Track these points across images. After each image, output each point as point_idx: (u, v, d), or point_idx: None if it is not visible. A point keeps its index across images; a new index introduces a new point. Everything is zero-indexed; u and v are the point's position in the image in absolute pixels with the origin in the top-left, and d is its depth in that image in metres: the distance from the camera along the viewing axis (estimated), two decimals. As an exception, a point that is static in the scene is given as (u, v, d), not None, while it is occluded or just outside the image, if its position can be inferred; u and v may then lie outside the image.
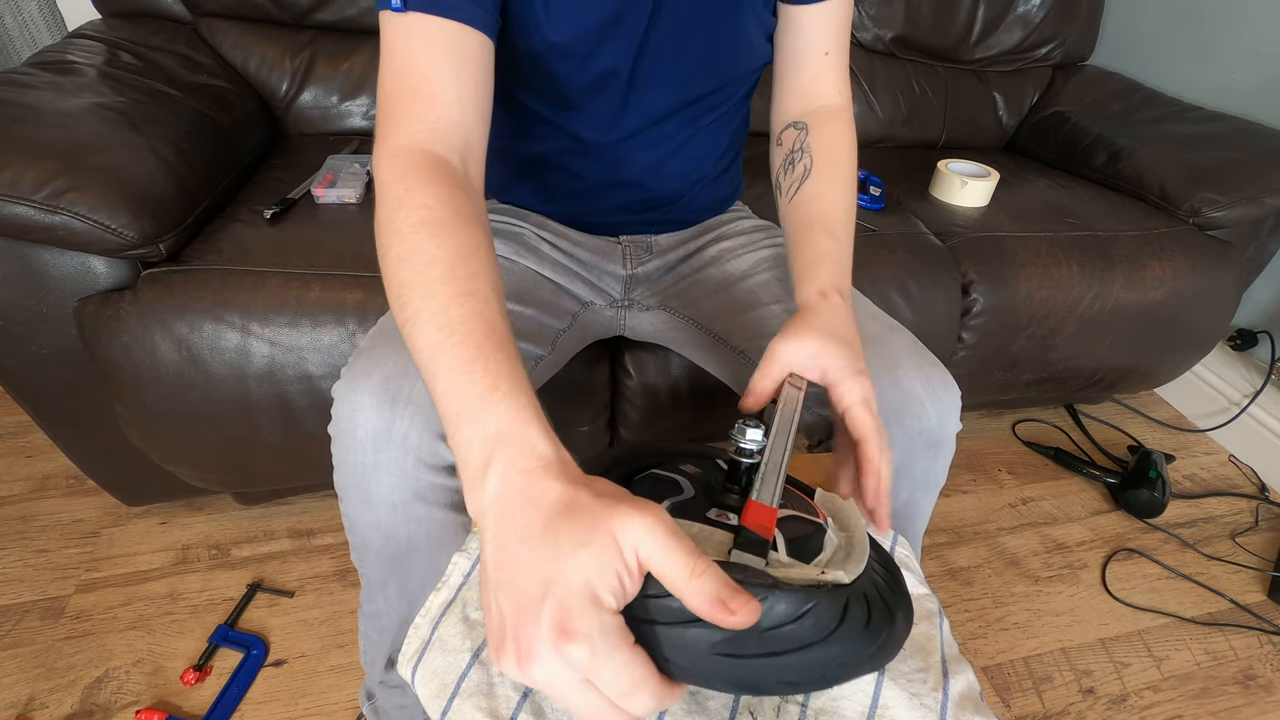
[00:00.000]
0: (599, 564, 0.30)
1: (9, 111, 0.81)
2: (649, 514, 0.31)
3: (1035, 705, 0.97)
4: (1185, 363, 1.37)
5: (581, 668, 0.30)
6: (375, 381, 0.53)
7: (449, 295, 0.41)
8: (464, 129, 0.51)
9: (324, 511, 1.15)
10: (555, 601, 0.30)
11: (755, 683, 0.33)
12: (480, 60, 0.52)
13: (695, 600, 0.30)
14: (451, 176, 0.49)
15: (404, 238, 0.45)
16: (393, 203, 0.47)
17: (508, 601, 0.32)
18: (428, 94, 0.50)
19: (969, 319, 1.10)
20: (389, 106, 0.51)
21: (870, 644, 0.33)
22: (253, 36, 1.22)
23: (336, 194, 1.01)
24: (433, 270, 0.43)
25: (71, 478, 1.17)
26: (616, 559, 0.31)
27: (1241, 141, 1.27)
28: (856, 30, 1.48)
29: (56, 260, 0.80)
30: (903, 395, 0.59)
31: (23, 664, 0.91)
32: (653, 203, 0.77)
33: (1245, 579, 1.18)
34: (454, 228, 0.45)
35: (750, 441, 0.41)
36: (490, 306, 0.42)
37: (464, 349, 0.39)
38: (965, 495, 1.30)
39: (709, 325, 0.75)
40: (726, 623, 0.30)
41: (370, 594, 0.66)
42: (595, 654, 0.30)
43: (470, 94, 0.52)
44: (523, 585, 0.31)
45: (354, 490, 0.56)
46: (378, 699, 0.75)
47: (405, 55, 0.50)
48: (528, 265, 0.74)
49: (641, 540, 0.31)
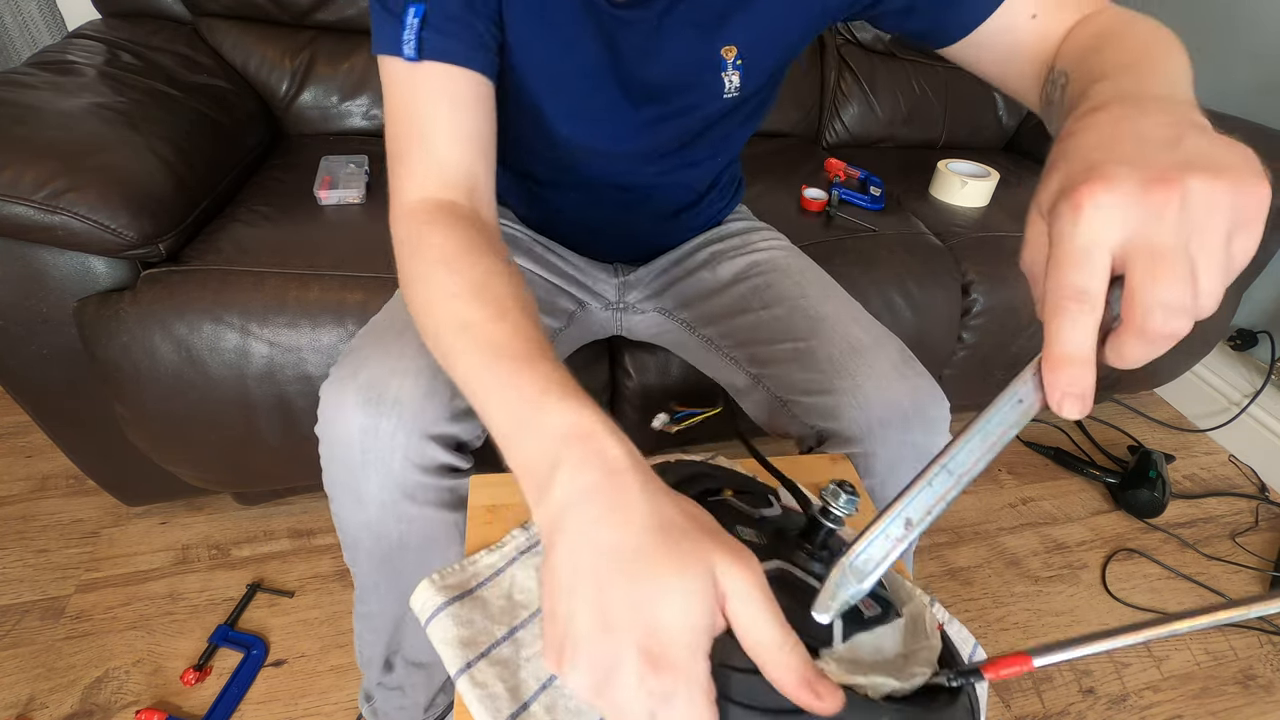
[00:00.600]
0: (699, 602, 0.28)
1: (9, 111, 0.81)
2: (751, 567, 0.29)
3: (1035, 705, 0.97)
4: (1185, 363, 1.37)
5: (659, 702, 0.27)
6: (360, 382, 0.53)
7: (480, 321, 0.41)
8: (467, 170, 0.52)
9: (324, 511, 1.15)
10: (648, 629, 0.27)
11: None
12: (482, 102, 0.53)
13: (780, 674, 0.27)
14: (459, 214, 0.49)
15: (425, 279, 0.45)
16: (409, 253, 0.47)
17: (587, 617, 0.29)
18: (430, 143, 0.51)
19: (969, 319, 1.10)
20: (395, 156, 0.52)
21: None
22: (253, 36, 1.22)
23: (339, 195, 1.01)
24: (459, 305, 0.42)
25: (71, 478, 1.17)
26: (713, 598, 0.28)
27: (1241, 141, 1.27)
28: (856, 30, 1.48)
29: (56, 260, 0.80)
30: (889, 407, 0.59)
31: (23, 664, 0.91)
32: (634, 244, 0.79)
33: (1245, 579, 1.18)
34: (471, 261, 0.45)
35: (840, 509, 0.36)
36: (523, 323, 0.41)
37: (505, 366, 0.38)
38: (965, 495, 1.30)
39: (702, 329, 0.75)
40: (813, 708, 0.27)
41: (363, 595, 0.66)
42: (677, 697, 0.27)
43: (471, 137, 0.52)
44: (610, 604, 0.28)
45: (343, 490, 0.56)
46: (376, 700, 0.75)
47: (408, 103, 0.51)
48: (523, 265, 0.74)
49: (739, 593, 0.28)
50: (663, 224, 0.77)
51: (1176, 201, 0.24)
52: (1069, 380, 0.26)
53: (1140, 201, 0.25)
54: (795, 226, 0.88)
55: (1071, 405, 0.26)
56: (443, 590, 0.43)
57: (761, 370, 0.68)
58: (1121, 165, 0.26)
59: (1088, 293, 0.25)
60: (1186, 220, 0.24)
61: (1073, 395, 0.26)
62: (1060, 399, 0.26)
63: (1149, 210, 0.24)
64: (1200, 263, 0.25)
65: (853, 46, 1.49)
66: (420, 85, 0.51)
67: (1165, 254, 0.24)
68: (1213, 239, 0.25)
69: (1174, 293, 0.24)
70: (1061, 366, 0.26)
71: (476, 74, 0.52)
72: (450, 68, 0.50)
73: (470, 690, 0.39)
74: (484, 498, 0.52)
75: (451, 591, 0.43)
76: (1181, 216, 0.24)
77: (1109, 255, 0.25)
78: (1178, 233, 0.24)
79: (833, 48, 1.49)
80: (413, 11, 0.49)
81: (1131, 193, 0.25)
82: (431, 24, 0.49)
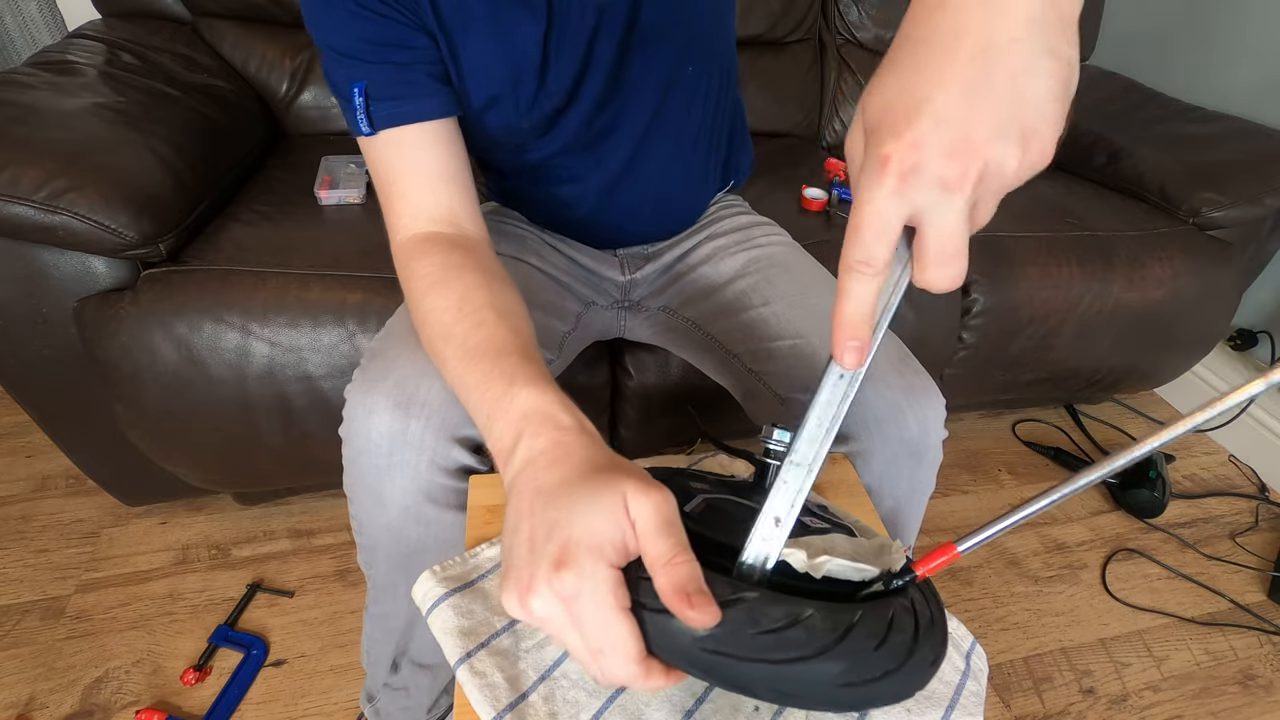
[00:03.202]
0: (605, 517, 0.32)
1: (9, 111, 0.81)
2: (661, 494, 0.33)
3: (1035, 705, 0.97)
4: (1185, 363, 1.37)
5: (569, 600, 0.31)
6: (391, 384, 0.53)
7: (462, 332, 0.47)
8: (445, 205, 0.58)
9: (324, 511, 1.15)
10: (559, 541, 0.32)
11: (744, 685, 0.31)
12: (442, 139, 0.58)
13: (662, 583, 0.31)
14: (445, 241, 0.56)
15: (419, 304, 0.53)
16: (406, 281, 0.55)
17: (521, 545, 0.33)
18: (405, 193, 0.57)
19: (969, 319, 1.10)
20: (384, 208, 0.59)
21: (877, 668, 0.30)
22: (253, 36, 1.22)
23: (339, 195, 1.01)
24: (445, 318, 0.49)
25: (71, 478, 1.17)
26: (623, 518, 0.32)
27: (1241, 141, 1.27)
28: (856, 30, 1.48)
29: (56, 260, 0.80)
30: (884, 403, 0.59)
31: (23, 664, 0.91)
32: (636, 214, 0.78)
33: (1245, 579, 1.18)
34: (453, 280, 0.52)
35: (777, 443, 0.39)
36: (500, 330, 0.47)
37: (481, 366, 0.44)
38: (965, 495, 1.30)
39: (705, 327, 0.75)
40: (684, 615, 0.30)
41: (378, 595, 0.66)
42: (582, 594, 0.31)
43: (441, 176, 0.58)
44: (535, 529, 0.33)
45: (366, 492, 0.56)
46: (379, 700, 0.75)
47: (380, 163, 0.58)
48: (531, 264, 0.74)
49: (646, 514, 0.32)
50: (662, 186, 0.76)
51: (973, 179, 0.26)
52: (851, 334, 0.29)
53: (940, 183, 0.26)
54: (795, 226, 0.88)
55: (851, 356, 0.30)
56: (444, 581, 0.44)
57: (762, 368, 0.68)
58: (937, 129, 0.26)
59: (876, 260, 0.28)
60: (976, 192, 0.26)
61: (852, 349, 0.30)
62: (842, 353, 0.30)
63: (946, 191, 0.26)
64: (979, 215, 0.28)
65: (853, 46, 1.49)
66: (381, 149, 0.57)
67: (950, 229, 0.27)
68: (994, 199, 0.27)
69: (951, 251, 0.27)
70: (848, 324, 0.29)
71: (426, 123, 0.57)
72: (402, 128, 0.56)
73: (470, 680, 0.39)
74: (484, 498, 0.52)
75: (453, 583, 0.44)
76: (973, 192, 0.26)
77: (902, 224, 0.27)
78: (965, 206, 0.26)
79: (833, 48, 1.49)
80: (356, 91, 0.55)
81: (936, 174, 0.26)
82: (374, 95, 0.55)
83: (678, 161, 0.75)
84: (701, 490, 0.41)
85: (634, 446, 1.05)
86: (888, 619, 0.31)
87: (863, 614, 0.31)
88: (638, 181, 0.73)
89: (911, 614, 0.32)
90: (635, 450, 1.05)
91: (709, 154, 0.78)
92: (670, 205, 0.80)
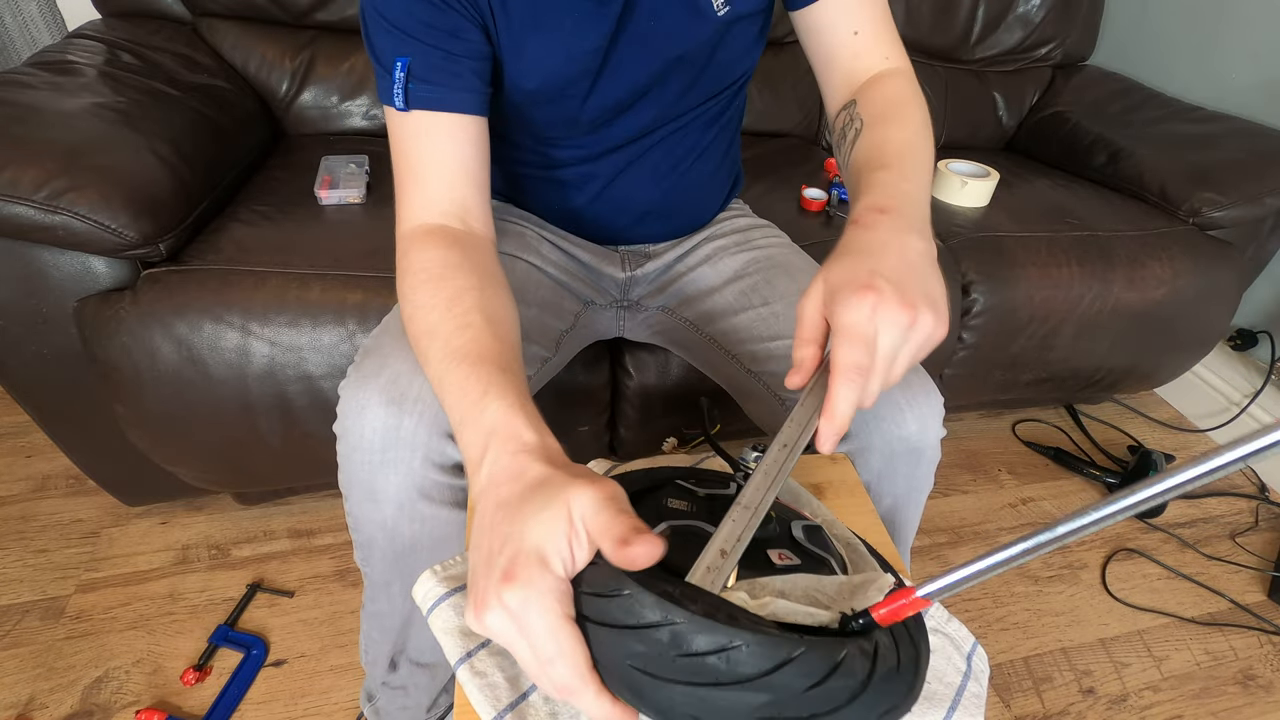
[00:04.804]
0: (551, 528, 0.33)
1: (9, 111, 0.81)
2: (601, 487, 0.34)
3: (1035, 705, 0.97)
4: (1185, 363, 1.37)
5: (516, 613, 0.32)
6: (384, 380, 0.53)
7: (447, 332, 0.48)
8: (459, 199, 0.57)
9: (324, 511, 1.15)
10: (508, 554, 0.33)
11: (666, 709, 0.30)
12: (472, 136, 0.58)
13: (605, 546, 0.32)
14: (448, 237, 0.56)
15: (409, 298, 0.52)
16: (402, 273, 0.54)
17: (479, 561, 0.35)
18: (422, 179, 0.57)
19: (969, 319, 1.10)
20: (397, 189, 0.58)
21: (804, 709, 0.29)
22: (253, 36, 1.22)
23: (339, 195, 1.01)
24: (432, 316, 0.49)
25: (71, 478, 1.17)
26: (568, 526, 0.33)
27: (1241, 141, 1.27)
28: (856, 30, 1.48)
29: (56, 260, 0.80)
30: (882, 402, 0.59)
31: (23, 664, 0.91)
32: (646, 217, 0.78)
33: (1245, 579, 1.18)
34: (447, 279, 0.52)
35: (750, 465, 0.40)
36: (484, 335, 0.47)
37: (461, 369, 0.45)
38: (965, 495, 1.30)
39: (704, 327, 0.75)
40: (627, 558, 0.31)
41: (374, 594, 0.66)
42: (528, 606, 0.31)
43: (461, 169, 0.58)
44: (492, 544, 0.35)
45: (360, 489, 0.56)
46: (379, 700, 0.75)
47: (406, 143, 0.57)
48: (531, 262, 0.74)
49: (589, 510, 0.33)
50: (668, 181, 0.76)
51: (910, 322, 0.39)
52: (840, 429, 0.38)
53: (896, 317, 0.39)
54: (795, 226, 0.88)
55: (833, 445, 0.39)
56: (445, 581, 0.44)
57: (760, 369, 0.68)
58: (889, 283, 0.40)
59: (866, 367, 0.38)
60: (910, 335, 0.40)
61: (837, 439, 0.38)
62: (832, 444, 0.38)
63: (899, 324, 0.39)
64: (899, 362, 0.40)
65: (853, 46, 1.49)
66: (411, 130, 0.57)
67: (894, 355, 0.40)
68: (915, 351, 0.41)
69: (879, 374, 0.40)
70: (839, 420, 0.38)
71: (462, 115, 0.57)
72: (437, 114, 0.56)
73: (470, 679, 0.39)
74: (483, 497, 0.52)
75: (453, 583, 0.44)
76: (909, 333, 0.40)
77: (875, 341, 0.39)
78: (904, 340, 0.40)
79: (833, 48, 1.49)
80: (399, 65, 0.55)
81: (895, 309, 0.39)
82: (416, 75, 0.55)
83: (695, 165, 0.76)
84: (679, 510, 0.41)
85: (634, 446, 1.05)
86: (835, 661, 0.30)
87: (804, 652, 0.30)
88: (655, 181, 0.74)
89: (870, 659, 0.31)
90: (635, 450, 1.05)
91: (723, 158, 0.79)
92: (683, 208, 0.80)
